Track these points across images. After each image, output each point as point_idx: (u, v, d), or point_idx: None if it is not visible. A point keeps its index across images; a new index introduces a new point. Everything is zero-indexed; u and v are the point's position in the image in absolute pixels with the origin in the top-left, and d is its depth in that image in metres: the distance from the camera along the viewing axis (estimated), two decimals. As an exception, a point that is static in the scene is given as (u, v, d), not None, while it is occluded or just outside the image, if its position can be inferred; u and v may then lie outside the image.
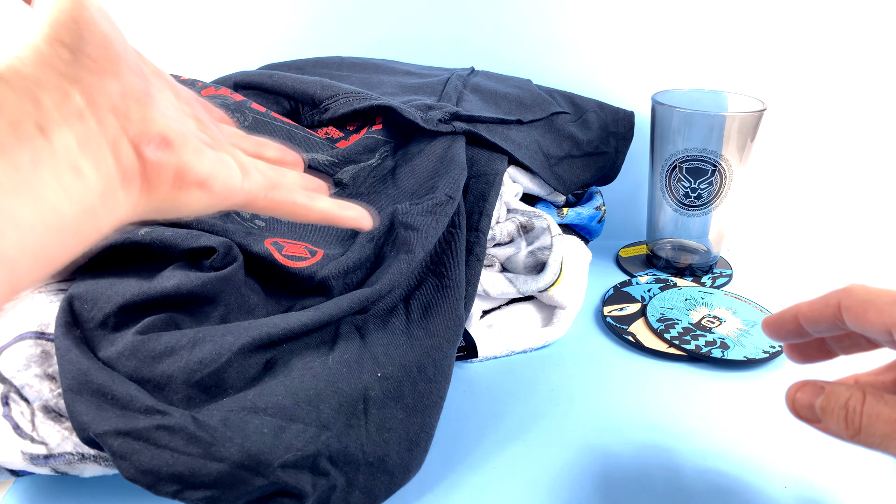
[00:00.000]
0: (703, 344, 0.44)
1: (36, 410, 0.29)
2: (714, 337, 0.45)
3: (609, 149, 0.55)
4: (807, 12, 0.58)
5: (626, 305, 0.50)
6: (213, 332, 0.29)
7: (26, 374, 0.29)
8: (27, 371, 0.30)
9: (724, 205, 0.53)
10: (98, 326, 0.30)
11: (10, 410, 0.29)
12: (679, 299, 0.49)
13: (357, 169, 0.46)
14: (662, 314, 0.47)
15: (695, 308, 0.48)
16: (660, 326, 0.45)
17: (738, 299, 0.50)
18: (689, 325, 0.46)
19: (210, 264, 0.32)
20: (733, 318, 0.47)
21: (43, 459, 0.28)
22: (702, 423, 0.39)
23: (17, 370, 0.30)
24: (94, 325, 0.30)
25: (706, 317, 0.47)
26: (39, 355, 0.30)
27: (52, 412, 0.29)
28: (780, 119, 0.61)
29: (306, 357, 0.31)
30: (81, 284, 0.32)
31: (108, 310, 0.30)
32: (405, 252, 0.37)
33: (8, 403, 0.29)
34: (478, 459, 0.36)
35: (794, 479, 0.35)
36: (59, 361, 0.28)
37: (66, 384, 0.27)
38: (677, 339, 0.44)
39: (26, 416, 0.29)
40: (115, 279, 0.32)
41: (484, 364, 0.44)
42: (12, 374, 0.29)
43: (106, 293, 0.30)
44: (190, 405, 0.27)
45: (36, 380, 0.29)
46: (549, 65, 0.61)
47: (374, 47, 0.62)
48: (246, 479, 0.26)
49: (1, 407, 0.29)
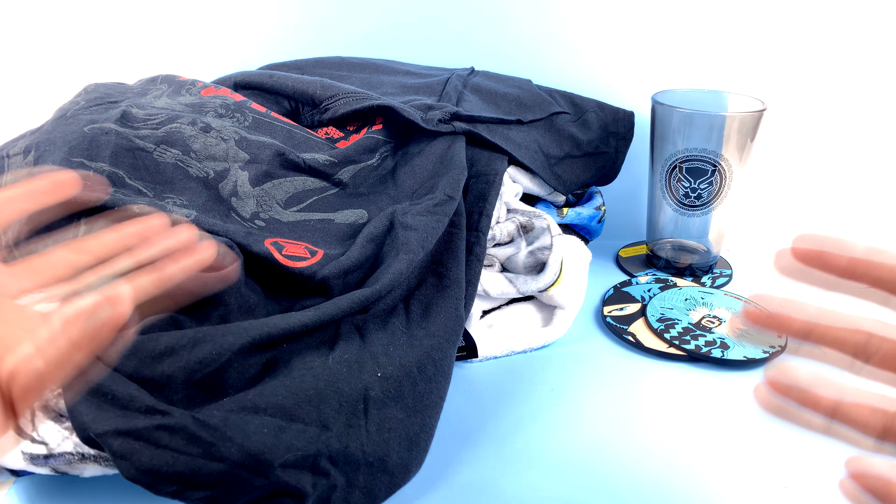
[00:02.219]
0: (702, 344, 0.44)
1: (36, 410, 0.29)
2: (714, 337, 0.45)
3: (609, 149, 0.55)
4: (807, 12, 0.58)
5: (625, 305, 0.50)
6: (213, 332, 0.29)
7: None
8: None
9: (724, 205, 0.53)
10: None
11: None
12: (679, 299, 0.49)
13: (357, 169, 0.46)
14: (662, 314, 0.47)
15: (695, 308, 0.48)
16: (660, 326, 0.45)
17: (738, 299, 0.49)
18: (689, 325, 0.46)
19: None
20: (733, 318, 0.47)
21: (43, 459, 0.28)
22: (701, 423, 0.39)
23: None
24: None
25: (706, 317, 0.47)
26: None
27: (52, 412, 0.29)
28: (780, 119, 0.61)
29: (306, 357, 0.31)
30: None
31: None
32: (405, 252, 0.37)
33: None
34: (478, 459, 0.36)
35: (795, 479, 0.35)
36: None
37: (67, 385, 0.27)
38: (677, 339, 0.44)
39: (27, 417, 0.29)
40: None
41: (484, 364, 0.44)
42: None
43: None
44: (190, 405, 0.27)
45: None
46: (549, 65, 0.61)
47: (374, 47, 0.62)
48: (246, 479, 0.26)
49: None
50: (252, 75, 0.51)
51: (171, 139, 0.40)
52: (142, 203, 0.33)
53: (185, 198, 0.37)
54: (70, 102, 0.43)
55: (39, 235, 0.33)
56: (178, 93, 0.47)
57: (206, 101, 0.45)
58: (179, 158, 0.39)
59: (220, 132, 0.41)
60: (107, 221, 0.33)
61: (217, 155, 0.40)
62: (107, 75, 0.60)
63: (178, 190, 0.37)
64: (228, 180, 0.40)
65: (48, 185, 0.25)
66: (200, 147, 0.40)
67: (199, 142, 0.40)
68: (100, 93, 0.44)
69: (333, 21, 0.61)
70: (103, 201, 0.33)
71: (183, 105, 0.45)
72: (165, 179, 0.38)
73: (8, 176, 0.37)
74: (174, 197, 0.37)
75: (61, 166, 0.35)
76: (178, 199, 0.36)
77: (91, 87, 0.46)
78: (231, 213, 0.38)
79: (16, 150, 0.38)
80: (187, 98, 0.46)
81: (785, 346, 0.43)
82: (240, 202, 0.39)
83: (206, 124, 0.42)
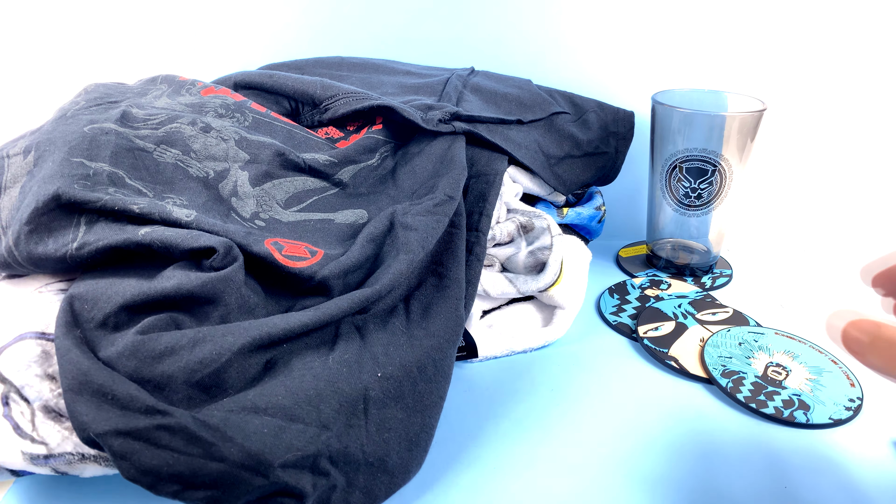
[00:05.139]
0: (781, 405, 0.40)
1: (36, 410, 0.29)
2: (789, 394, 0.41)
3: (609, 149, 0.55)
4: (807, 12, 0.58)
5: (660, 324, 0.48)
6: (213, 332, 0.29)
7: (27, 373, 0.29)
8: (27, 371, 0.30)
9: (724, 205, 0.53)
10: (98, 326, 0.30)
11: (11, 410, 0.29)
12: (733, 344, 0.45)
13: (357, 169, 0.46)
14: (724, 366, 0.43)
15: (753, 354, 0.44)
16: (728, 383, 0.41)
17: (790, 338, 0.46)
18: (757, 379, 0.42)
19: (210, 264, 0.32)
20: (797, 366, 0.43)
21: (43, 459, 0.28)
22: (701, 423, 0.39)
23: (17, 370, 0.30)
24: (95, 325, 0.30)
25: (770, 365, 0.43)
26: (40, 355, 0.30)
27: (52, 412, 0.29)
28: (780, 119, 0.61)
29: (306, 357, 0.31)
30: (81, 284, 0.32)
31: (108, 310, 0.30)
32: (405, 252, 0.37)
33: (8, 403, 0.29)
34: (478, 459, 0.36)
35: (795, 480, 0.35)
36: (60, 361, 0.28)
37: (67, 384, 0.27)
38: (752, 400, 0.40)
39: (26, 416, 0.29)
40: (115, 279, 0.32)
41: (484, 364, 0.44)
42: (12, 374, 0.29)
43: (106, 293, 0.30)
44: (190, 405, 0.27)
45: (36, 380, 0.29)
46: (549, 65, 0.61)
47: (373, 47, 0.62)
48: (246, 479, 0.26)
49: (1, 407, 0.29)
50: (252, 75, 0.51)
51: (170, 139, 0.40)
52: (142, 203, 0.33)
53: (185, 198, 0.37)
54: (70, 102, 0.43)
55: (40, 235, 0.33)
56: (178, 93, 0.47)
57: (206, 101, 0.45)
58: (179, 158, 0.39)
59: (220, 132, 0.41)
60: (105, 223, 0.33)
61: (217, 155, 0.40)
62: (107, 75, 0.60)
63: (178, 190, 0.37)
64: (228, 180, 0.40)
65: None
66: (200, 147, 0.40)
67: (199, 142, 0.40)
68: (100, 93, 0.44)
69: (333, 21, 0.61)
70: (103, 202, 0.33)
71: (183, 105, 0.45)
72: (165, 179, 0.38)
73: (7, 175, 0.37)
74: (174, 197, 0.36)
75: (61, 166, 0.34)
76: (178, 199, 0.36)
77: (91, 86, 0.46)
78: (231, 213, 0.38)
79: (16, 151, 0.38)
80: (187, 98, 0.46)
81: (862, 398, 0.41)
82: (240, 202, 0.39)
83: (206, 124, 0.42)
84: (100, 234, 0.32)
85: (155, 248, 0.32)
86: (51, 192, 0.32)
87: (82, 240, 0.32)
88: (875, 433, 0.38)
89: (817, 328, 0.48)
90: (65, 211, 0.33)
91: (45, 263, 0.33)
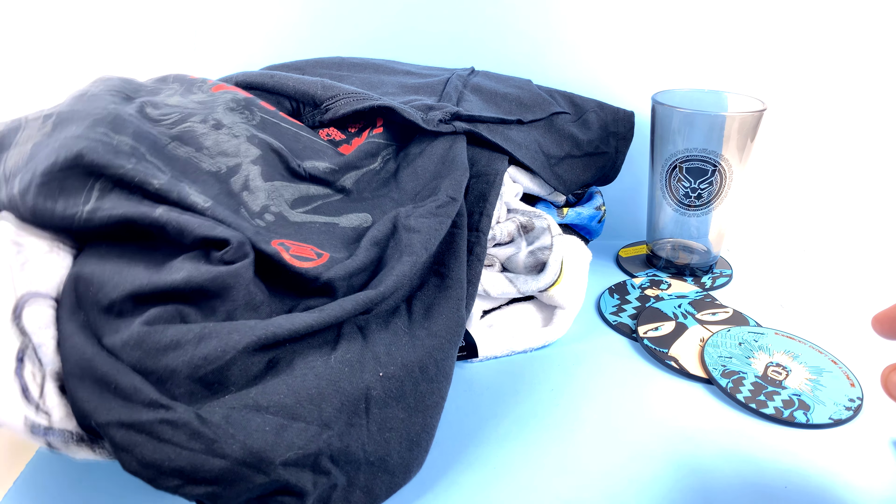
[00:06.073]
0: (781, 405, 0.40)
1: (47, 376, 0.28)
2: (789, 394, 0.41)
3: (609, 149, 0.55)
4: (807, 12, 0.58)
5: (660, 324, 0.48)
6: (219, 328, 0.29)
7: (46, 333, 0.29)
8: (46, 331, 0.29)
9: (724, 205, 0.53)
10: (103, 311, 0.29)
11: (24, 369, 0.28)
12: (733, 344, 0.45)
13: (360, 174, 0.45)
14: (724, 366, 0.43)
15: (753, 354, 0.44)
16: (728, 384, 0.41)
17: (790, 338, 0.46)
18: (757, 379, 0.42)
19: (221, 257, 0.31)
20: (797, 366, 0.43)
21: (42, 431, 0.27)
22: (702, 423, 0.39)
23: (38, 327, 0.29)
24: (99, 309, 0.29)
25: (770, 365, 0.43)
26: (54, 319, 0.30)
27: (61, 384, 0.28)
28: (780, 119, 0.61)
29: (309, 356, 0.31)
30: (87, 264, 0.31)
31: (114, 296, 0.29)
32: (408, 254, 0.37)
33: (23, 360, 0.28)
34: (478, 459, 0.36)
35: (795, 479, 0.35)
36: (62, 345, 0.28)
37: (69, 369, 0.27)
38: (752, 400, 0.40)
39: (36, 380, 0.28)
40: (122, 264, 0.31)
41: (484, 364, 0.44)
42: (33, 330, 0.29)
43: (113, 279, 0.30)
44: (192, 400, 0.27)
45: (52, 342, 0.29)
46: (549, 65, 0.61)
47: (374, 47, 0.62)
48: (247, 477, 0.26)
49: (15, 363, 0.28)
50: (253, 76, 0.51)
51: (183, 137, 0.40)
52: (162, 179, 0.33)
53: (198, 187, 0.37)
54: (89, 85, 0.42)
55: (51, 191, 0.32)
56: (190, 91, 0.47)
57: (216, 97, 0.45)
58: (192, 154, 0.39)
59: (231, 128, 0.42)
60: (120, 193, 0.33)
61: (229, 151, 0.40)
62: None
63: (192, 180, 0.37)
64: (240, 175, 0.39)
65: None
66: (212, 143, 0.40)
67: (210, 138, 0.40)
68: (115, 84, 0.44)
69: (334, 21, 0.61)
70: (125, 169, 0.32)
71: (195, 103, 0.45)
72: (180, 168, 0.37)
73: (22, 134, 0.36)
74: (189, 184, 0.36)
75: (86, 130, 0.34)
76: (192, 186, 0.36)
77: (105, 77, 0.45)
78: (241, 209, 0.38)
79: (35, 116, 0.37)
80: (199, 96, 0.46)
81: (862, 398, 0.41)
82: (251, 195, 0.39)
83: (217, 121, 0.42)
84: (115, 203, 0.32)
85: (168, 230, 0.32)
86: (74, 150, 0.32)
87: (95, 204, 0.32)
88: (875, 433, 0.38)
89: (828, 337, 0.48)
90: (82, 172, 0.32)
91: (47, 221, 0.32)
